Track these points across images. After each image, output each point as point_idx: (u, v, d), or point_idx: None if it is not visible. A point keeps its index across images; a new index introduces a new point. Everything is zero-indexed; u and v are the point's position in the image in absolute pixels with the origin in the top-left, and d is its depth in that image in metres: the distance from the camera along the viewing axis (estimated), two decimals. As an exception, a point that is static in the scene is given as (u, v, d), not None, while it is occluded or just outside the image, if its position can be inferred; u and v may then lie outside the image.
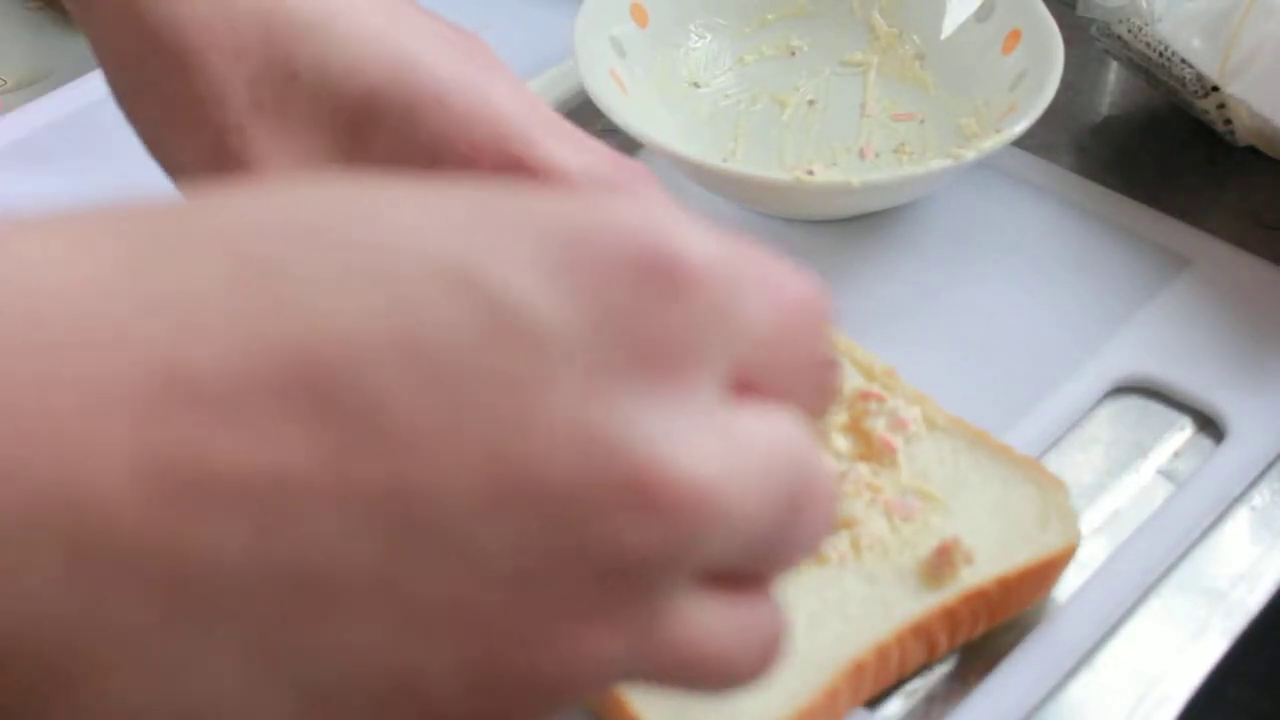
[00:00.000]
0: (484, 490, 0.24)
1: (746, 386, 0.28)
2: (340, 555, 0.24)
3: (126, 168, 0.51)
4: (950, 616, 0.44)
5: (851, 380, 0.50)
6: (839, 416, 0.49)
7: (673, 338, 0.26)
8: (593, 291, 0.26)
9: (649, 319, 0.26)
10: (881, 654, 0.43)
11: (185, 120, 0.45)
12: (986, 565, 0.45)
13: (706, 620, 0.27)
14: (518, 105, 0.47)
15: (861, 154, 0.64)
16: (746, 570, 0.28)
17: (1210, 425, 0.54)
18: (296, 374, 0.24)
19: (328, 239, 0.25)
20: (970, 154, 0.57)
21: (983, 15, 0.65)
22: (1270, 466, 0.52)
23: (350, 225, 0.25)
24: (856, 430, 0.49)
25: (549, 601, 0.25)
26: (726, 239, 0.28)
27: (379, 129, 0.46)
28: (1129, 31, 0.64)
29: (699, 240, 0.27)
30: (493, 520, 0.25)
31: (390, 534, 0.24)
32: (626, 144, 0.63)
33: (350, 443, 0.24)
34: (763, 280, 0.28)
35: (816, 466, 0.28)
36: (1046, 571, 0.46)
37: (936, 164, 0.57)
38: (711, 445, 0.26)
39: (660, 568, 0.26)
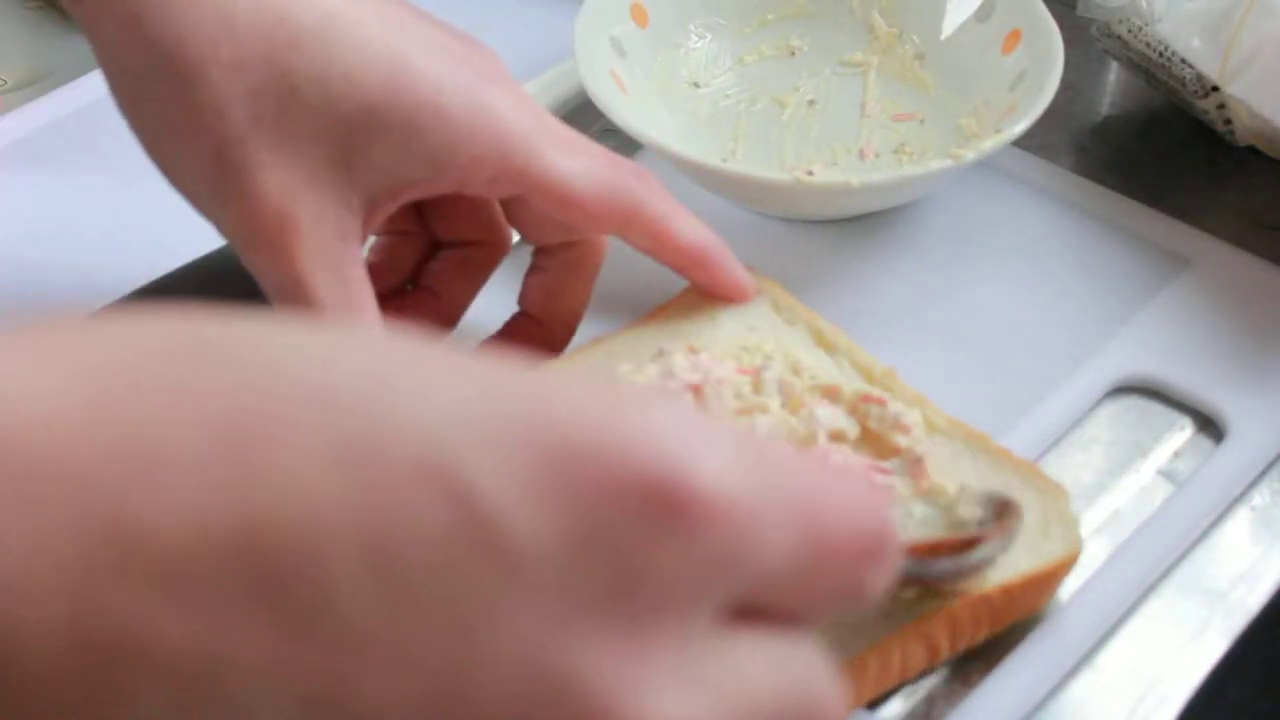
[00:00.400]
0: (420, 709, 0.23)
1: (756, 610, 0.26)
2: None
3: (126, 168, 0.51)
4: (952, 621, 0.44)
5: (851, 382, 0.50)
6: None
7: (662, 578, 0.24)
8: (579, 516, 0.24)
9: (637, 554, 0.24)
10: (883, 658, 0.43)
11: (186, 130, 0.45)
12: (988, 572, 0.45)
13: None
14: (519, 115, 0.47)
15: (861, 154, 0.64)
16: None
17: (1210, 425, 0.54)
18: (252, 554, 0.23)
19: (321, 412, 0.24)
20: (970, 154, 0.57)
21: (983, 15, 0.65)
22: (1270, 466, 0.52)
23: (348, 400, 0.24)
24: (866, 432, 0.49)
25: None
26: (768, 458, 0.26)
27: (379, 140, 0.46)
28: (1129, 31, 0.64)
29: (722, 469, 0.25)
30: None
31: None
32: (626, 144, 0.63)
33: (292, 634, 0.23)
34: (800, 512, 0.26)
35: (818, 701, 0.26)
36: (1048, 579, 0.46)
37: (936, 164, 0.57)
38: (685, 697, 0.24)
39: None
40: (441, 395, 0.24)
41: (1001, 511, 0.44)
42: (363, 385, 0.24)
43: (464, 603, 0.23)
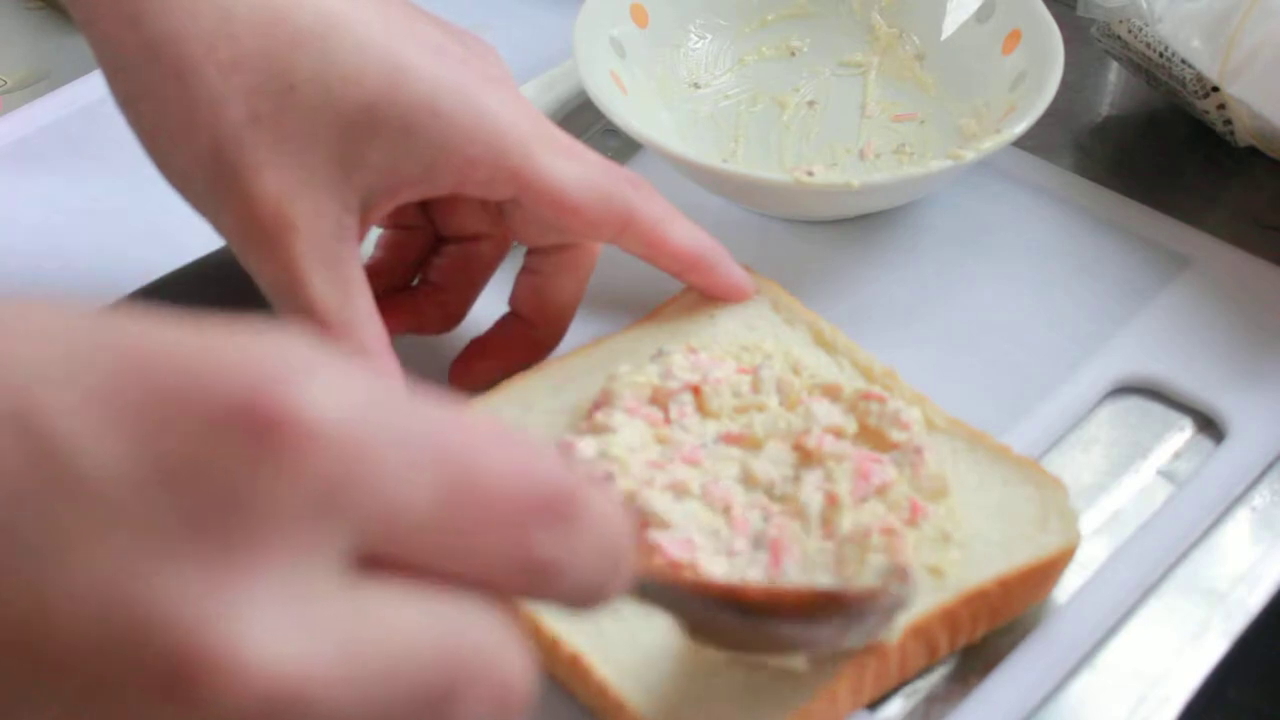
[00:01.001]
0: None
1: (405, 565, 0.25)
2: None
3: (126, 168, 0.51)
4: (950, 617, 0.44)
5: (852, 382, 0.50)
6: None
7: (254, 506, 0.23)
8: (160, 442, 0.23)
9: (225, 480, 0.23)
10: (881, 655, 0.43)
11: (183, 128, 0.45)
12: (986, 565, 0.45)
13: None
14: (516, 118, 0.47)
15: (861, 155, 0.64)
16: None
17: (1210, 425, 0.54)
18: None
19: None
20: (970, 154, 0.57)
21: (983, 15, 0.65)
22: (1270, 466, 0.52)
23: None
24: (864, 429, 0.49)
25: None
26: (400, 401, 0.25)
27: (376, 140, 0.46)
28: (1129, 32, 0.64)
29: (326, 397, 0.24)
30: (7, 687, 0.23)
31: None
32: (626, 144, 0.63)
33: None
34: (438, 455, 0.25)
35: (492, 662, 0.25)
36: (1046, 572, 0.46)
37: (936, 164, 0.57)
38: (293, 635, 0.23)
39: None
40: (28, 341, 0.24)
41: (885, 582, 0.40)
42: None
43: (37, 537, 0.23)
